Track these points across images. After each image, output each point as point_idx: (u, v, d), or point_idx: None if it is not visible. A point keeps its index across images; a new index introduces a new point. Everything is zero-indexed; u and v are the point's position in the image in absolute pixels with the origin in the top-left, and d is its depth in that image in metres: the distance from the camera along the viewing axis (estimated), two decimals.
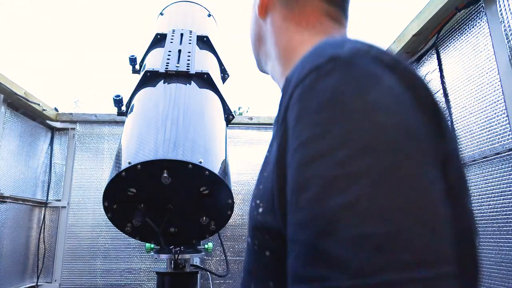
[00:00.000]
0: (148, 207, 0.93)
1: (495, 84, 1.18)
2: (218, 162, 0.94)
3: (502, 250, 1.13)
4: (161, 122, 0.99)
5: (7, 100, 2.06)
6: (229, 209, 0.94)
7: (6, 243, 2.04)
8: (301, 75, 0.34)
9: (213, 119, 1.11)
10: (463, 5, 1.30)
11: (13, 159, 2.13)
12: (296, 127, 0.32)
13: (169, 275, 1.50)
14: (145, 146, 0.91)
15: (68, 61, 33.83)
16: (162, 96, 1.11)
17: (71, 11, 37.03)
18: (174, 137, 0.92)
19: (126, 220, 0.95)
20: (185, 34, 1.39)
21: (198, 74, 1.19)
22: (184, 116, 1.01)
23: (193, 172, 0.86)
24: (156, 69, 1.18)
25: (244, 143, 2.74)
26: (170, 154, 0.87)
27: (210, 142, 0.98)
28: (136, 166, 0.86)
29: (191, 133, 0.96)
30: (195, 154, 0.88)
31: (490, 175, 1.19)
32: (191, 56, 1.24)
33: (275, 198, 0.38)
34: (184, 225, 0.97)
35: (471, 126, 1.29)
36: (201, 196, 0.91)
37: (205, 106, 1.12)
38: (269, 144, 0.49)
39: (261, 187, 0.45)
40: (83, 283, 2.37)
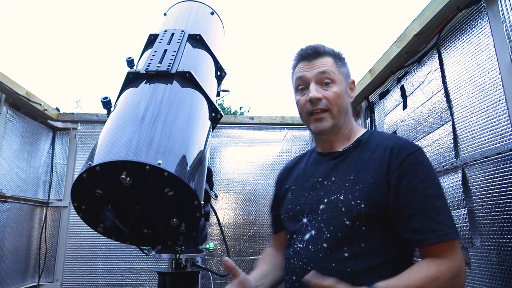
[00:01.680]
0: (116, 208, 0.92)
1: (496, 84, 1.17)
2: (183, 163, 0.90)
3: (503, 250, 1.13)
4: (129, 123, 0.97)
5: (9, 100, 2.06)
6: (197, 211, 0.92)
7: (8, 242, 2.05)
8: (410, 150, 0.96)
9: (189, 118, 1.08)
10: (465, 5, 1.30)
11: (15, 158, 2.14)
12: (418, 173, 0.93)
13: (170, 275, 1.50)
14: (108, 147, 0.89)
15: (69, 61, 33.87)
16: (137, 97, 1.09)
17: (73, 10, 37.06)
18: (137, 138, 0.90)
19: (98, 220, 0.95)
20: (176, 33, 1.37)
21: (180, 73, 1.17)
22: (154, 116, 0.99)
23: (152, 174, 0.84)
24: (138, 70, 1.17)
25: (245, 143, 2.73)
26: (128, 155, 0.84)
27: (178, 143, 0.96)
28: (95, 168, 0.86)
29: (157, 133, 0.94)
30: (155, 155, 0.86)
31: (491, 175, 1.19)
32: (176, 56, 1.22)
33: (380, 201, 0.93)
34: (156, 226, 0.95)
35: (473, 126, 1.29)
36: (168, 197, 0.89)
37: (181, 106, 1.09)
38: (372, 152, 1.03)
39: (358, 194, 0.95)
40: (84, 283, 2.37)
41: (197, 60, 1.38)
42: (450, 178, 1.38)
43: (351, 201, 0.95)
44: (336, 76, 1.09)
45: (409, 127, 1.69)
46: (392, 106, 1.87)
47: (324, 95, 1.06)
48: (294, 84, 1.15)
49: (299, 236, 1.03)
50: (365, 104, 2.20)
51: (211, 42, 1.57)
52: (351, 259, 0.90)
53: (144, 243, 1.07)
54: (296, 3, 51.53)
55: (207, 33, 1.62)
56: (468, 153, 1.30)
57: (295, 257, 1.00)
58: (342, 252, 0.91)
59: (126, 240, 1.02)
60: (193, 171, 0.94)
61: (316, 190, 1.06)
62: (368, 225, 0.92)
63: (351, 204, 0.94)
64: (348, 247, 0.91)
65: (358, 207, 0.93)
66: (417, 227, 0.88)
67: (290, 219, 1.10)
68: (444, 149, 1.43)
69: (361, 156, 1.03)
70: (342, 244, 0.92)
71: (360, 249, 0.90)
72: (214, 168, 2.63)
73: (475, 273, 1.25)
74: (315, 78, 1.08)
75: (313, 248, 0.96)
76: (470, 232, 1.25)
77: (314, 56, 1.10)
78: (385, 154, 0.97)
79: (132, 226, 0.97)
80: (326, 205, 1.00)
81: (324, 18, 48.34)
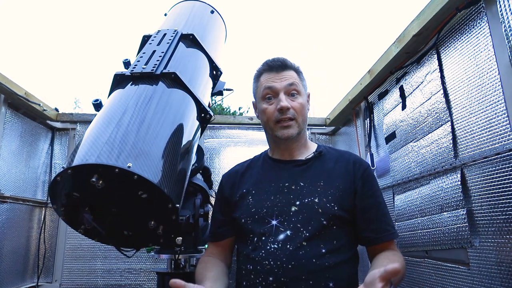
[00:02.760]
0: (93, 210, 0.92)
1: (495, 85, 1.18)
2: (156, 166, 0.88)
3: (502, 250, 1.13)
4: (106, 126, 0.96)
5: (8, 100, 2.06)
6: (172, 214, 0.91)
7: (6, 243, 2.05)
8: (366, 164, 1.23)
9: (171, 120, 1.06)
10: (464, 5, 1.30)
11: (14, 159, 2.13)
12: (373, 183, 1.19)
13: (169, 275, 1.50)
14: (82, 150, 0.89)
15: (68, 61, 33.82)
16: (120, 99, 1.08)
17: (72, 10, 37.02)
18: (111, 141, 0.89)
19: (79, 222, 0.94)
20: (168, 34, 1.36)
21: (165, 75, 1.15)
22: (131, 119, 0.97)
23: (123, 177, 0.83)
24: (123, 72, 1.16)
25: (245, 143, 2.73)
26: (98, 158, 0.84)
27: (153, 145, 0.93)
28: (67, 171, 0.85)
29: (132, 136, 0.92)
30: (126, 158, 0.85)
31: (490, 175, 1.19)
32: (164, 57, 1.21)
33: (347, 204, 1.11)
34: (136, 228, 0.94)
35: (471, 126, 1.29)
36: (143, 200, 0.88)
37: (162, 107, 1.07)
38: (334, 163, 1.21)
39: (331, 198, 1.10)
40: (83, 283, 2.37)
41: (189, 60, 1.36)
42: (449, 179, 1.38)
43: (327, 203, 1.09)
44: (300, 88, 1.22)
45: (408, 128, 1.69)
46: (391, 107, 1.87)
47: (291, 105, 1.17)
48: (260, 92, 1.22)
49: (271, 238, 1.07)
50: (364, 104, 2.20)
51: (207, 41, 1.55)
52: (327, 255, 1.03)
53: (127, 244, 1.07)
54: (295, 3, 51.56)
55: (204, 32, 1.60)
56: (467, 153, 1.31)
57: (270, 258, 1.03)
58: (320, 249, 1.04)
59: (108, 241, 1.02)
60: (168, 174, 0.91)
61: (283, 193, 1.14)
62: (339, 225, 1.08)
63: (327, 206, 1.08)
64: (324, 244, 1.05)
65: (333, 209, 1.08)
66: (376, 227, 1.12)
67: (255, 222, 1.12)
68: (443, 149, 1.43)
69: (324, 166, 1.20)
70: (319, 242, 1.05)
71: (333, 245, 1.04)
72: (214, 168, 2.63)
73: (474, 273, 1.25)
74: (285, 89, 1.18)
75: (291, 247, 1.03)
76: (469, 232, 1.26)
77: (282, 68, 1.21)
78: (348, 166, 1.19)
79: (109, 228, 0.96)
80: (300, 207, 1.10)
81: (323, 19, 48.36)
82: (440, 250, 1.43)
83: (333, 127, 2.81)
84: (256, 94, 1.28)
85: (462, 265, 1.32)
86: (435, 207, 1.46)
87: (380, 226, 1.12)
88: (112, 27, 39.16)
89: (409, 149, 1.68)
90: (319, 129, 2.85)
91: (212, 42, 1.64)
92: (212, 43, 1.64)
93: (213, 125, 2.73)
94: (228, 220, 1.24)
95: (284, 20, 45.98)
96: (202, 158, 1.57)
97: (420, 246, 1.55)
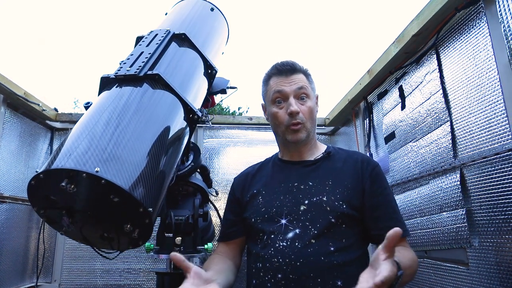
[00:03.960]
0: (71, 213, 0.92)
1: (494, 85, 1.18)
2: (127, 170, 0.87)
3: (502, 250, 1.13)
4: (83, 130, 0.96)
5: (7, 100, 2.06)
6: (146, 218, 0.91)
7: (5, 243, 2.04)
8: (375, 163, 1.23)
9: (150, 122, 1.04)
10: (463, 6, 1.30)
11: (13, 159, 2.13)
12: (382, 181, 1.19)
13: (168, 275, 1.50)
14: (57, 154, 0.89)
15: (68, 61, 33.81)
16: (101, 103, 1.06)
17: (71, 10, 37.00)
18: (84, 145, 0.89)
19: (60, 224, 0.95)
20: (159, 34, 1.34)
21: (149, 76, 1.14)
22: (107, 123, 0.96)
23: (92, 181, 0.83)
24: (108, 75, 1.16)
25: (244, 143, 2.73)
26: (67, 163, 0.84)
27: (127, 149, 0.92)
28: (39, 175, 0.85)
29: (105, 139, 0.91)
30: (95, 163, 0.84)
31: (489, 175, 1.19)
32: (150, 58, 1.19)
33: (356, 203, 1.11)
34: (114, 231, 0.94)
35: (471, 126, 1.29)
36: (116, 204, 0.88)
37: (142, 109, 1.05)
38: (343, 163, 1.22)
39: (340, 196, 1.11)
40: (82, 283, 2.36)
41: (179, 60, 1.33)
42: (449, 179, 1.38)
43: (335, 201, 1.10)
44: (309, 91, 1.24)
45: (408, 128, 1.69)
46: (391, 107, 1.87)
47: (301, 109, 1.20)
48: (270, 95, 1.25)
49: (280, 236, 1.09)
50: (363, 104, 2.20)
51: (202, 39, 1.54)
52: (335, 253, 1.03)
53: (109, 246, 1.07)
54: (295, 3, 51.58)
55: (201, 30, 1.58)
56: (467, 153, 1.31)
57: (279, 255, 1.05)
58: (328, 247, 1.04)
59: (89, 243, 1.03)
60: (143, 177, 0.90)
61: (292, 193, 1.16)
62: (348, 224, 1.09)
63: (335, 205, 1.09)
64: (332, 242, 1.05)
65: (341, 207, 1.09)
66: (386, 225, 1.05)
67: (265, 221, 1.15)
68: (442, 149, 1.43)
69: (333, 166, 1.21)
70: (327, 240, 1.05)
71: (342, 244, 1.04)
72: (213, 168, 2.63)
73: (473, 274, 1.25)
74: (294, 93, 1.20)
75: (300, 244, 1.05)
76: (469, 232, 1.26)
77: (291, 72, 1.23)
78: (356, 165, 1.19)
79: (87, 230, 0.97)
80: (308, 206, 1.11)
81: (323, 19, 48.38)
82: (440, 250, 1.43)
83: (333, 127, 2.81)
84: (265, 97, 1.31)
85: (461, 265, 1.32)
86: (435, 207, 1.46)
87: (391, 224, 1.04)
88: (113, 27, 39.15)
89: (409, 149, 1.68)
90: (318, 129, 2.85)
91: (209, 41, 1.62)
92: (209, 41, 1.62)
93: (213, 125, 2.73)
94: (239, 220, 1.27)
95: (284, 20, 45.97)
96: (199, 157, 1.57)
97: (420, 246, 1.55)
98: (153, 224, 0.97)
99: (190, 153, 1.57)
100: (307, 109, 1.21)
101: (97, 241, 1.04)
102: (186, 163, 1.53)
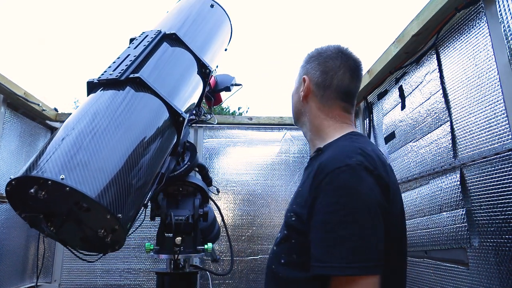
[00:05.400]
0: (49, 217, 0.94)
1: (494, 85, 1.18)
2: (95, 176, 0.87)
3: (502, 250, 1.13)
4: (58, 137, 0.96)
5: (7, 100, 2.06)
6: (115, 224, 0.92)
7: (6, 243, 2.04)
8: (332, 167, 0.81)
9: (127, 127, 1.03)
10: (463, 6, 1.30)
11: (13, 159, 2.13)
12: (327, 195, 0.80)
13: (168, 275, 1.50)
14: (30, 161, 0.90)
15: (67, 61, 33.83)
16: (81, 109, 1.07)
17: (71, 10, 37.01)
18: (58, 153, 0.90)
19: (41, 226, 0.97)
20: (149, 35, 1.33)
21: (130, 80, 1.13)
22: (82, 128, 0.97)
23: (60, 188, 0.84)
24: (92, 79, 1.16)
25: (244, 143, 2.73)
26: (34, 170, 0.85)
27: (97, 154, 0.92)
28: (12, 182, 0.86)
29: (75, 146, 0.91)
30: (61, 170, 0.85)
31: (489, 175, 1.19)
32: (135, 61, 1.18)
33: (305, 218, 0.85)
34: (92, 235, 0.95)
35: (471, 126, 1.29)
36: (86, 209, 0.90)
37: (120, 114, 1.04)
38: (301, 182, 0.97)
39: (295, 207, 0.91)
40: (82, 283, 2.37)
41: (168, 61, 1.31)
42: (449, 179, 1.38)
43: (288, 212, 0.95)
44: (296, 78, 1.11)
45: (408, 128, 1.69)
46: (391, 107, 1.87)
47: None
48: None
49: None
50: (363, 104, 2.20)
51: (198, 38, 1.52)
52: (284, 266, 0.91)
53: (86, 249, 1.08)
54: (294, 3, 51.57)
55: (197, 29, 1.56)
56: (466, 153, 1.31)
57: None
58: (280, 258, 0.92)
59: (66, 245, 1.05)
60: (112, 184, 0.90)
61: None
62: (297, 239, 0.89)
63: (287, 215, 0.95)
64: (284, 255, 0.92)
65: (291, 220, 0.92)
66: (312, 253, 0.80)
67: None
68: (442, 149, 1.43)
69: (312, 167, 0.94)
70: (282, 250, 0.94)
71: (293, 259, 0.89)
72: (213, 168, 2.63)
73: (473, 274, 1.25)
74: None
75: (272, 249, 1.00)
76: (468, 232, 1.26)
77: None
78: (313, 171, 0.89)
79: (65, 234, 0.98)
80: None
81: (322, 18, 48.36)
82: (439, 250, 1.43)
83: None
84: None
85: (461, 265, 1.32)
86: (435, 207, 1.46)
87: (316, 253, 0.80)
88: (113, 26, 39.15)
89: (408, 149, 1.68)
90: None
91: (205, 39, 1.60)
92: (206, 39, 1.60)
93: (213, 125, 2.73)
94: None
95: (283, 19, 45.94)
96: (195, 156, 1.56)
97: (419, 246, 1.55)
98: (127, 230, 0.97)
99: (186, 153, 1.57)
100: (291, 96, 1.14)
101: (78, 243, 1.06)
102: (182, 163, 1.53)
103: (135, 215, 1.02)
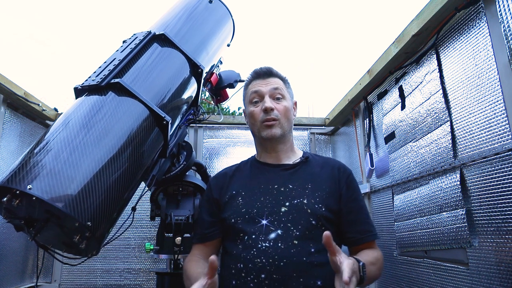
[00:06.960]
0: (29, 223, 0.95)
1: (494, 85, 1.18)
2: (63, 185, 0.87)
3: (501, 250, 1.13)
4: (37, 145, 0.97)
5: (7, 100, 2.06)
6: (87, 231, 0.91)
7: (6, 243, 2.04)
8: (349, 170, 1.30)
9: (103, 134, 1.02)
10: (463, 6, 1.30)
11: (13, 159, 2.13)
12: (356, 188, 1.26)
13: (168, 275, 1.50)
14: (7, 171, 0.91)
15: (67, 61, 33.83)
16: (63, 116, 1.06)
17: (72, 11, 37.04)
18: (31, 162, 0.91)
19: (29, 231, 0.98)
20: (138, 36, 1.31)
21: (111, 85, 1.11)
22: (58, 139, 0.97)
23: (26, 197, 0.84)
24: (76, 86, 1.13)
25: (244, 143, 2.74)
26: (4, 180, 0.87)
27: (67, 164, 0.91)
28: None
29: (47, 156, 0.92)
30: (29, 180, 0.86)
31: (489, 175, 1.19)
32: (119, 65, 1.16)
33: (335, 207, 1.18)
34: (71, 240, 0.95)
35: (471, 126, 1.29)
36: (58, 217, 0.90)
37: (97, 121, 1.03)
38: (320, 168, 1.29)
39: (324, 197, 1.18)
40: (82, 283, 2.37)
41: (153, 64, 1.29)
42: (448, 179, 1.38)
43: (315, 204, 1.15)
44: (285, 93, 1.30)
45: (408, 128, 1.69)
46: (391, 107, 1.87)
47: (276, 107, 1.25)
48: (248, 97, 1.32)
49: (261, 236, 1.11)
50: (363, 104, 2.20)
51: (193, 36, 1.49)
52: (315, 254, 1.08)
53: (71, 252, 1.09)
54: (295, 3, 51.57)
55: (192, 27, 1.53)
56: (466, 153, 1.31)
57: (262, 256, 1.07)
58: (309, 248, 1.08)
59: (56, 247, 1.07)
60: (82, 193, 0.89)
61: (272, 195, 1.19)
62: (326, 226, 1.13)
63: (315, 207, 1.15)
64: (313, 243, 1.09)
65: (320, 210, 1.14)
66: (360, 229, 1.19)
67: (246, 221, 1.16)
68: (442, 149, 1.43)
69: (311, 170, 1.26)
70: (309, 241, 1.10)
71: (321, 245, 1.01)
72: (213, 168, 2.63)
73: (473, 273, 1.25)
74: (270, 93, 1.27)
75: (283, 245, 1.08)
76: (468, 232, 1.26)
77: (268, 75, 1.31)
78: (333, 171, 1.26)
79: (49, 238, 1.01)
80: (289, 208, 1.15)
81: (322, 19, 48.39)
82: (439, 250, 1.43)
83: (333, 127, 2.81)
84: (245, 100, 1.37)
85: (461, 265, 1.32)
86: (434, 207, 1.46)
87: (364, 228, 1.20)
88: (114, 26, 39.18)
89: (408, 149, 1.68)
90: (318, 129, 2.85)
91: (202, 36, 1.57)
92: (202, 37, 1.57)
93: (212, 125, 2.73)
94: (216, 221, 1.25)
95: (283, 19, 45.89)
96: (191, 155, 1.56)
97: (419, 246, 1.55)
98: (101, 237, 0.97)
99: (182, 153, 1.56)
100: (283, 108, 1.26)
101: (63, 247, 1.06)
102: (177, 163, 1.52)
103: (111, 221, 1.02)
